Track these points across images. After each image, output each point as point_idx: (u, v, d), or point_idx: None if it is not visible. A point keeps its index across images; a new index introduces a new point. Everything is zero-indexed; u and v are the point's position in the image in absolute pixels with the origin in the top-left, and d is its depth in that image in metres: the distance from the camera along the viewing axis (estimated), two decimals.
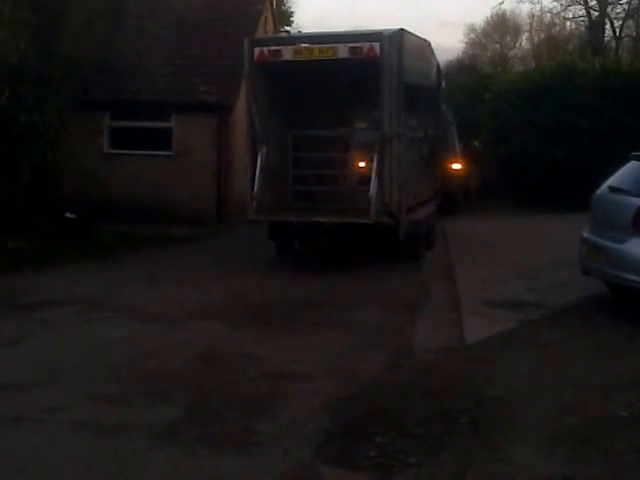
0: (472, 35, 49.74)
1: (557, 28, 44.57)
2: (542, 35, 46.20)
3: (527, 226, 15.29)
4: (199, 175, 17.58)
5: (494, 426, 6.12)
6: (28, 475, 5.46)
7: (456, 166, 18.51)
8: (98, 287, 11.14)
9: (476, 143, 21.90)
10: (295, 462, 5.61)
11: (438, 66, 15.95)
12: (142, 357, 8.02)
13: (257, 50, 12.28)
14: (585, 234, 9.36)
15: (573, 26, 43.09)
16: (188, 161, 17.53)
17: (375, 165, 11.76)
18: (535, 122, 19.03)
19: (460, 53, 47.20)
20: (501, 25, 48.53)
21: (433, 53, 15.22)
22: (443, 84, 16.97)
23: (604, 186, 9.36)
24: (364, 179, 12.31)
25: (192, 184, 17.38)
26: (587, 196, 9.62)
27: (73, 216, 14.38)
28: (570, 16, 41.35)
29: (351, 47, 11.82)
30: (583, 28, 40.77)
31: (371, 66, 11.72)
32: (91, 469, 5.53)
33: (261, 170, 12.24)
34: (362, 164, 13.03)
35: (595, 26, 38.15)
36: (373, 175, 11.70)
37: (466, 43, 49.56)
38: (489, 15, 49.27)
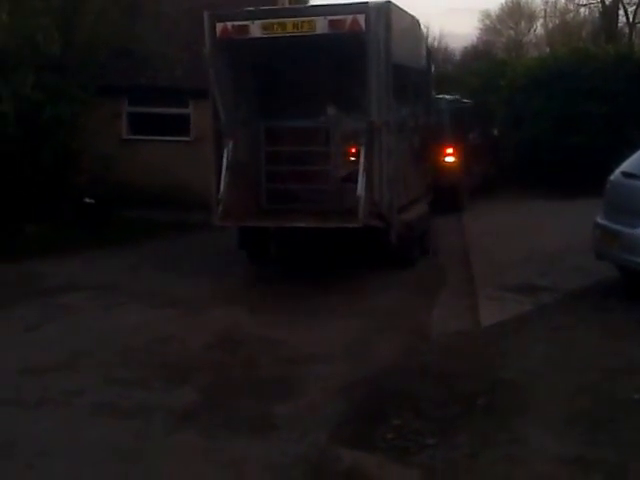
0: (487, 21, 49.48)
1: (571, 14, 44.24)
2: (556, 21, 45.89)
3: (542, 211, 15.18)
4: None
5: (509, 408, 6.11)
6: (49, 457, 5.50)
7: (449, 159, 16.32)
8: (116, 272, 11.19)
9: (495, 131, 20.72)
10: (312, 444, 5.64)
11: (428, 48, 14.28)
12: (160, 341, 8.07)
13: (220, 26, 10.33)
14: (599, 219, 9.31)
15: (587, 12, 42.79)
16: (206, 147, 17.46)
17: (363, 159, 9.93)
18: (549, 108, 18.91)
19: (475, 39, 47.01)
20: (516, 11, 48.21)
21: (423, 32, 13.52)
22: (433, 68, 15.24)
23: (618, 171, 9.30)
24: (349, 175, 10.75)
25: None
26: (601, 182, 9.56)
27: (92, 201, 14.41)
28: (584, 2, 41.06)
29: (331, 20, 9.97)
30: (597, 14, 40.45)
31: (355, 43, 9.99)
32: (111, 451, 5.57)
33: (228, 167, 10.36)
34: (347, 158, 11.46)
35: (609, 12, 37.84)
36: (361, 171, 9.84)
37: (481, 29, 49.32)
38: (504, 1, 48.87)
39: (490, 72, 25.37)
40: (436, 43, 48.27)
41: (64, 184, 14.16)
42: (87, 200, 14.36)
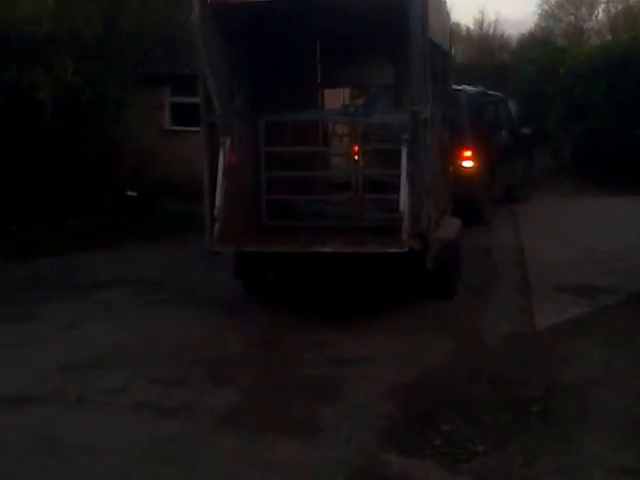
0: (545, 7, 48.93)
1: None
2: (619, 6, 45.18)
3: (601, 207, 15.02)
4: None
5: (564, 416, 6.09)
6: (91, 456, 5.59)
7: (467, 163, 14.16)
8: (158, 267, 11.31)
9: (527, 130, 18.24)
10: (358, 449, 5.66)
11: (450, 26, 12.23)
12: (202, 340, 8.14)
13: None
14: None
15: None
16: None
17: (405, 161, 8.08)
18: (611, 98, 18.70)
19: (532, 26, 46.53)
20: None
21: (446, 3, 11.19)
22: (453, 51, 13.58)
23: None
24: (379, 183, 9.21)
25: None
26: None
27: (134, 194, 14.57)
28: None
29: None
30: None
31: (389, 6, 8.27)
32: (153, 451, 5.66)
33: (225, 174, 8.41)
34: (352, 159, 9.88)
35: None
36: (403, 177, 8.03)
37: (539, 15, 48.77)
38: None
39: (548, 60, 25.14)
40: (491, 30, 47.95)
41: (106, 176, 14.32)
42: (129, 193, 14.53)
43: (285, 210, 9.39)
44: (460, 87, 14.72)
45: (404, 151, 8.12)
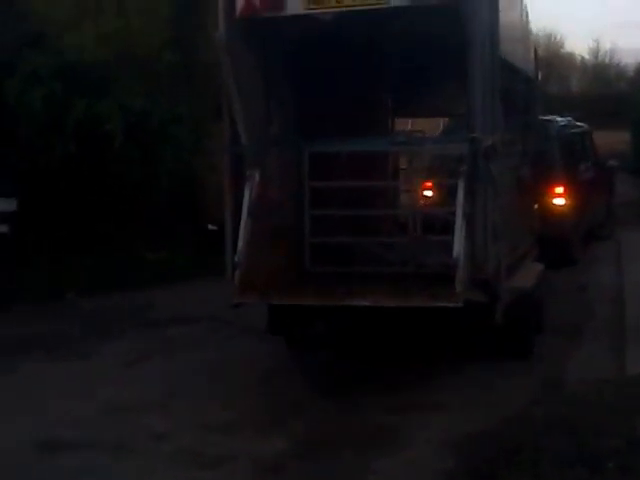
0: None
1: None
2: None
3: None
4: None
5: None
6: None
7: (559, 201, 12.95)
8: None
9: (612, 162, 16.87)
10: None
11: (535, 49, 10.86)
12: (261, 381, 7.90)
13: None
14: None
15: None
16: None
17: (462, 198, 6.99)
18: None
19: None
20: None
21: (530, 23, 9.97)
22: (540, 76, 12.02)
23: None
24: (442, 224, 8.06)
25: None
26: None
27: (215, 228, 14.40)
28: None
29: None
30: None
31: (447, 23, 7.16)
32: None
33: (250, 213, 7.34)
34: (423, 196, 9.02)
35: None
36: (459, 216, 6.94)
37: None
38: None
39: None
40: (607, 59, 46.96)
41: (187, 208, 14.23)
42: (210, 226, 14.38)
43: (337, 254, 8.32)
44: (549, 117, 13.98)
45: (460, 185, 7.03)
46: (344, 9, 7.26)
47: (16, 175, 12.42)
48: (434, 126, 11.74)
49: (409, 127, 9.80)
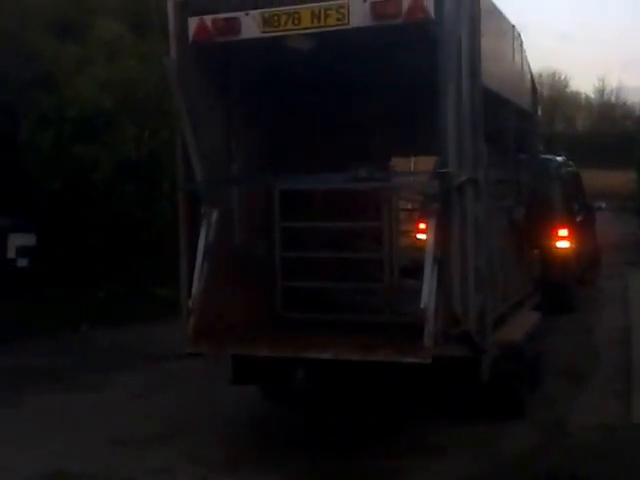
0: None
1: None
2: None
3: None
4: None
5: None
6: None
7: (562, 244, 12.31)
8: None
9: (599, 205, 15.96)
10: None
11: (533, 82, 10.05)
12: (261, 418, 7.96)
13: (194, 22, 6.64)
14: None
15: None
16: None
17: (432, 240, 6.10)
18: None
19: None
20: None
21: (527, 56, 9.21)
22: (540, 111, 11.35)
23: None
24: (413, 266, 7.12)
25: None
26: None
27: None
28: None
29: (375, 2, 6.12)
30: None
31: (418, 46, 6.32)
32: None
33: (206, 256, 6.65)
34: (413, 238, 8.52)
35: None
36: (428, 261, 6.02)
37: None
38: None
39: None
40: (613, 98, 47.02)
41: None
42: None
43: (312, 299, 7.55)
44: (548, 156, 13.19)
45: (431, 226, 6.15)
46: (301, 30, 6.44)
47: (34, 212, 12.69)
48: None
49: (411, 167, 9.09)
